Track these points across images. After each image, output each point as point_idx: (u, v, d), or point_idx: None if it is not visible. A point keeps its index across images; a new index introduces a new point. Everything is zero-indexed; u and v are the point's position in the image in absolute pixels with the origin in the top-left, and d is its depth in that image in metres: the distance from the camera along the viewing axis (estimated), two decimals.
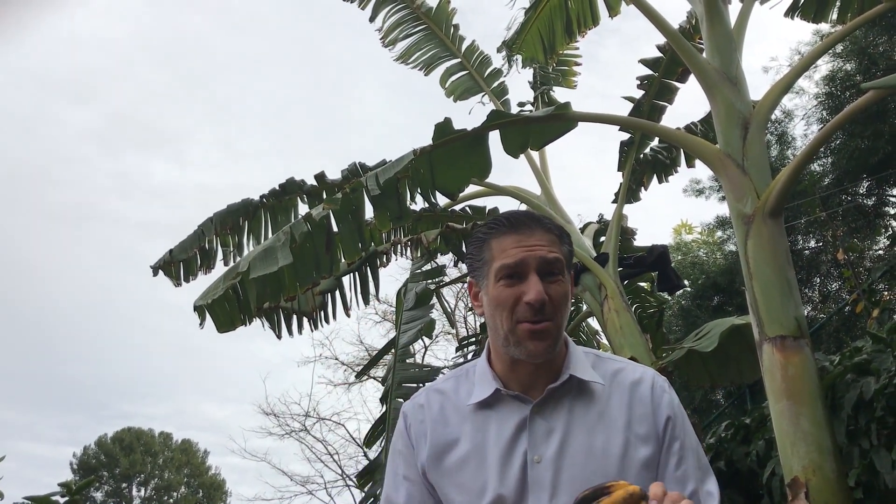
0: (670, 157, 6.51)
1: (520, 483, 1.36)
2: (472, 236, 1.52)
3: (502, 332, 1.40)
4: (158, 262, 5.38)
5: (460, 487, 1.40)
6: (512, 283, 1.40)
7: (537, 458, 1.37)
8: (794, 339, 3.50)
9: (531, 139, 4.19)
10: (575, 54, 7.24)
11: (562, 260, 1.42)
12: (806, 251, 10.37)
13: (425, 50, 7.03)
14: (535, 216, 1.47)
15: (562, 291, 1.41)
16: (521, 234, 1.42)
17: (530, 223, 1.44)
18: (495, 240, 1.44)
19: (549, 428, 1.39)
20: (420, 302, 6.17)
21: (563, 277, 1.42)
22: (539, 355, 1.38)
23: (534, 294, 1.36)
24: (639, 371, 1.49)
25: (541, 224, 1.45)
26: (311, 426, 18.43)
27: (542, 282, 1.38)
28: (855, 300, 6.89)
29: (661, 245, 5.86)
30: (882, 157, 8.43)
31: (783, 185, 3.69)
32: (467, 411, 1.44)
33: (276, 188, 5.44)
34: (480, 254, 1.46)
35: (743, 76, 4.23)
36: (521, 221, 1.44)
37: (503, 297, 1.40)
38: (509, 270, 1.40)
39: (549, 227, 1.46)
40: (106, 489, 37.99)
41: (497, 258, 1.42)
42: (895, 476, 3.62)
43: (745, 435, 5.17)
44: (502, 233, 1.44)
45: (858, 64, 9.07)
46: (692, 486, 1.37)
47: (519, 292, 1.38)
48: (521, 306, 1.38)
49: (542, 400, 1.41)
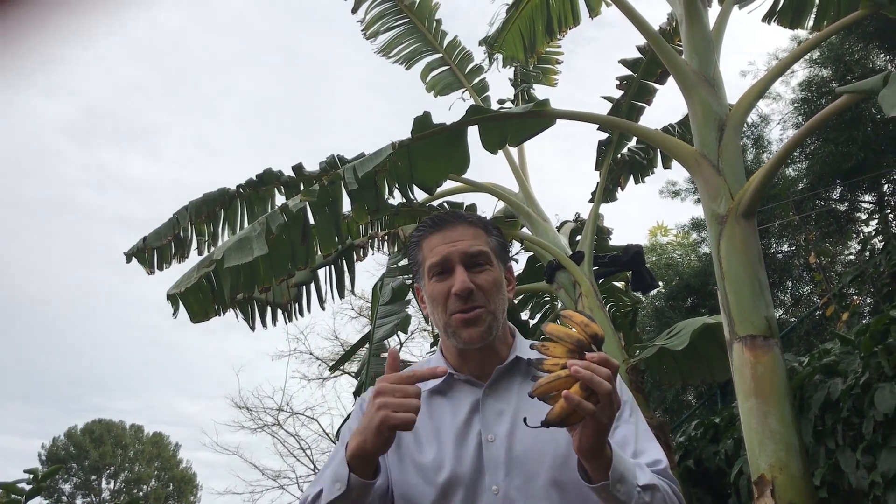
0: (647, 158, 6.55)
1: (475, 462, 1.41)
2: (409, 242, 1.61)
3: (441, 325, 1.49)
4: (132, 250, 5.32)
5: (418, 467, 1.44)
6: (442, 278, 1.48)
7: (491, 437, 1.42)
8: (765, 339, 3.54)
9: (509, 135, 4.20)
10: (556, 52, 7.26)
11: (486, 251, 1.50)
12: (779, 255, 10.48)
13: (407, 44, 7.01)
14: (459, 214, 1.56)
15: (490, 279, 1.48)
16: (446, 231, 1.51)
17: (453, 220, 1.54)
18: (425, 240, 1.54)
19: (500, 408, 1.45)
20: (396, 297, 6.16)
21: (490, 266, 1.50)
22: (475, 341, 1.45)
23: (458, 284, 1.44)
24: None
25: (463, 219, 1.54)
26: (283, 420, 18.37)
27: (468, 273, 1.46)
28: (826, 304, 6.99)
29: (636, 245, 5.90)
30: (855, 163, 8.54)
31: (757, 187, 3.73)
32: (424, 396, 1.45)
33: (253, 178, 5.40)
34: (416, 256, 1.56)
35: (720, 78, 4.27)
36: (444, 220, 1.54)
37: (436, 292, 1.48)
38: (437, 267, 1.49)
39: (472, 221, 1.55)
40: (75, 481, 37.60)
41: (427, 258, 1.51)
42: (859, 476, 3.69)
43: (715, 434, 5.24)
44: (430, 233, 1.53)
45: (834, 70, 9.18)
46: (631, 447, 1.43)
47: (448, 286, 1.47)
48: (451, 298, 1.46)
49: (493, 382, 1.48)
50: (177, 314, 4.54)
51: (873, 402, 3.58)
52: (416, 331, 16.28)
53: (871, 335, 3.84)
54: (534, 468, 1.39)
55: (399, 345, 16.28)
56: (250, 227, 4.19)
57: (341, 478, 1.30)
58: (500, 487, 1.39)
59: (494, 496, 1.38)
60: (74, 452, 37.39)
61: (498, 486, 1.39)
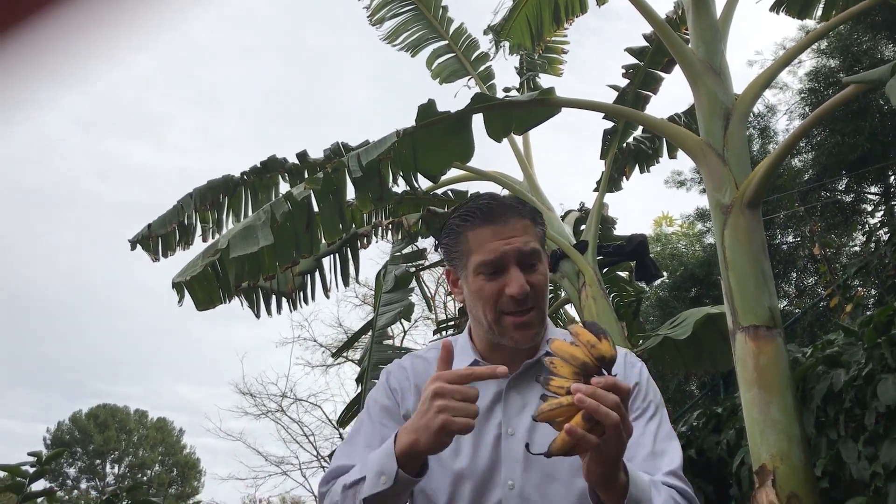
0: (653, 147, 6.54)
1: (493, 454, 1.38)
2: (446, 225, 1.51)
3: (485, 323, 1.42)
4: (137, 237, 5.34)
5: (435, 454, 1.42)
6: (493, 277, 1.40)
7: (511, 430, 1.39)
8: (768, 329, 3.54)
9: (514, 123, 4.19)
10: (562, 41, 7.24)
11: (539, 249, 1.44)
12: (784, 245, 10.46)
13: (413, 31, 6.98)
14: (508, 203, 1.46)
15: (542, 279, 1.43)
16: (497, 226, 1.41)
17: (505, 213, 1.43)
18: (471, 232, 1.44)
19: (524, 402, 1.41)
20: (399, 285, 6.17)
21: (541, 264, 1.43)
22: (526, 343, 1.41)
23: (517, 288, 1.37)
24: None
25: (515, 212, 1.44)
26: (287, 407, 18.44)
27: (522, 272, 1.39)
28: (830, 295, 6.98)
29: (640, 234, 5.90)
30: (861, 154, 8.50)
31: (762, 177, 3.72)
32: None
33: (257, 165, 5.41)
34: (457, 245, 1.46)
35: (727, 67, 4.25)
36: (496, 212, 1.43)
37: (486, 291, 1.40)
38: (490, 267, 1.40)
39: (522, 212, 1.45)
40: (79, 465, 37.81)
41: (475, 251, 1.42)
42: (860, 467, 3.69)
43: (717, 424, 5.24)
44: (478, 224, 1.43)
45: (842, 61, 9.13)
46: (647, 448, 1.39)
47: (501, 285, 1.39)
48: (505, 299, 1.39)
49: (518, 374, 1.43)
50: (182, 302, 4.55)
51: (876, 394, 3.58)
52: (420, 318, 16.31)
53: (875, 326, 3.84)
54: (552, 467, 1.36)
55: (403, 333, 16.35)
56: (255, 215, 4.19)
57: (389, 472, 1.25)
58: (516, 483, 1.36)
59: (509, 491, 1.36)
60: (79, 437, 37.57)
61: (514, 482, 1.36)
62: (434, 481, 1.39)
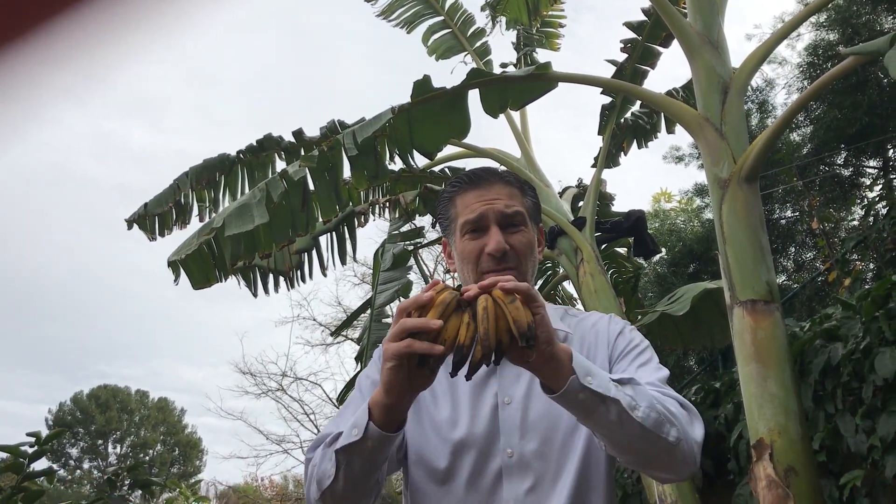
0: (650, 122, 6.50)
1: (491, 422, 1.39)
2: (440, 195, 1.58)
3: (470, 283, 1.40)
4: (133, 216, 5.33)
5: (433, 424, 1.43)
6: (475, 236, 1.46)
7: (507, 399, 1.41)
8: (765, 304, 3.53)
9: (511, 99, 4.16)
10: (559, 15, 7.18)
11: (522, 212, 1.49)
12: (782, 220, 10.45)
13: (408, 6, 6.92)
14: (496, 171, 1.54)
15: (524, 240, 1.47)
16: (482, 189, 1.49)
17: (490, 178, 1.51)
18: (459, 197, 1.51)
19: (518, 371, 1.41)
20: (397, 263, 6.16)
21: (525, 228, 1.48)
22: None
23: (494, 244, 1.43)
24: (597, 315, 1.56)
25: (501, 178, 1.52)
26: (287, 386, 18.52)
27: (503, 232, 1.45)
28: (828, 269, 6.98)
29: (638, 210, 5.88)
30: (859, 127, 8.46)
31: (760, 151, 3.70)
32: None
33: (253, 144, 5.38)
34: (447, 212, 1.54)
35: (724, 40, 4.21)
36: (481, 177, 1.51)
37: (467, 250, 1.47)
38: (471, 225, 1.47)
39: (510, 180, 1.52)
40: (82, 445, 38.02)
41: (461, 214, 1.49)
42: (858, 440, 3.71)
43: (715, 399, 5.26)
44: (465, 189, 1.51)
45: (841, 34, 9.06)
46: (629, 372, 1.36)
47: (481, 244, 1.45)
48: (484, 257, 1.44)
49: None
50: (178, 280, 4.55)
51: (873, 367, 3.59)
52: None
53: (873, 300, 3.84)
54: (549, 433, 1.38)
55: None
56: (250, 193, 4.17)
57: (360, 424, 1.25)
58: (515, 451, 1.37)
59: (509, 459, 1.37)
60: (81, 417, 37.75)
61: (513, 450, 1.37)
62: (431, 451, 1.41)
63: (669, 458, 1.25)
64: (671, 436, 1.23)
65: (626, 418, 1.18)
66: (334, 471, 1.27)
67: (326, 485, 1.29)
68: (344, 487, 1.28)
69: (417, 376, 1.18)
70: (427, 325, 1.13)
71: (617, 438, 1.22)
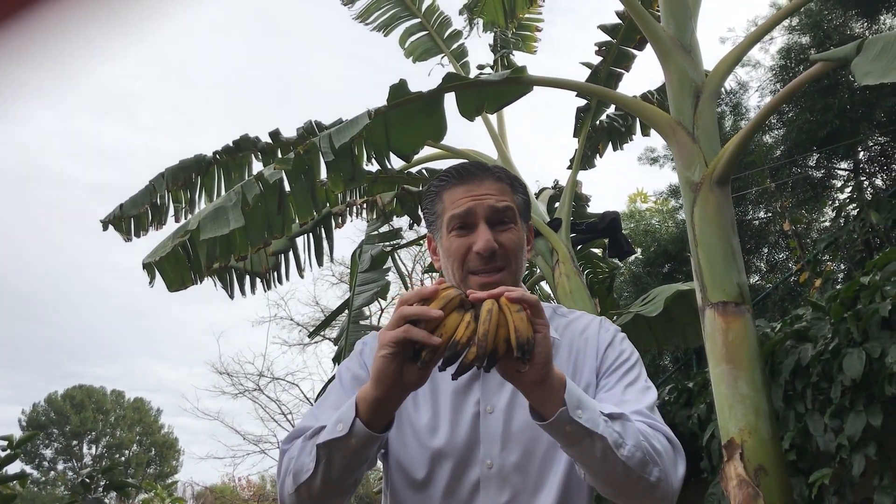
0: (626, 125, 6.56)
1: (472, 431, 1.35)
2: (426, 190, 1.50)
3: (455, 282, 1.38)
4: (108, 217, 5.30)
5: (413, 429, 1.38)
6: (463, 233, 1.39)
7: (489, 408, 1.36)
8: (736, 305, 3.59)
9: (486, 102, 4.19)
10: (536, 18, 7.22)
11: (513, 208, 1.41)
12: (755, 221, 10.57)
13: (385, 9, 6.94)
14: (486, 166, 1.45)
15: (514, 239, 1.40)
16: (471, 184, 1.41)
17: (480, 173, 1.43)
18: (447, 192, 1.43)
19: (502, 380, 1.33)
20: (375, 264, 6.18)
21: (515, 226, 1.41)
22: None
23: (482, 243, 1.35)
24: (587, 318, 1.50)
25: (491, 173, 1.43)
26: (264, 386, 18.46)
27: (492, 230, 1.37)
28: (800, 270, 7.07)
29: (613, 212, 5.94)
30: (831, 130, 8.57)
31: (731, 154, 3.76)
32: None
33: (229, 144, 5.37)
34: (434, 207, 1.46)
35: (697, 45, 4.27)
36: (470, 172, 1.43)
37: (454, 247, 1.38)
38: (459, 221, 1.39)
39: (500, 175, 1.44)
40: (56, 446, 37.60)
41: (448, 209, 1.41)
42: (827, 439, 3.77)
43: (688, 399, 5.32)
44: (453, 184, 1.43)
45: (813, 38, 9.18)
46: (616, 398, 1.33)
47: (469, 242, 1.37)
48: (472, 256, 1.37)
49: None
50: (153, 283, 4.53)
51: (842, 367, 3.65)
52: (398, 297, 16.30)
53: (842, 301, 3.91)
54: (531, 446, 1.33)
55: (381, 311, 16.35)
56: (226, 196, 4.17)
57: (346, 420, 1.20)
58: (495, 462, 1.33)
59: (488, 470, 1.33)
60: (55, 418, 37.34)
61: (492, 461, 1.33)
62: (410, 458, 1.37)
63: (647, 497, 1.22)
64: (653, 476, 1.20)
65: (611, 455, 1.16)
66: (313, 465, 1.23)
67: (303, 479, 1.25)
68: (322, 483, 1.24)
69: (409, 371, 1.14)
70: (427, 312, 1.10)
71: (597, 471, 1.20)
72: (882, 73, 3.07)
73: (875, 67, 3.12)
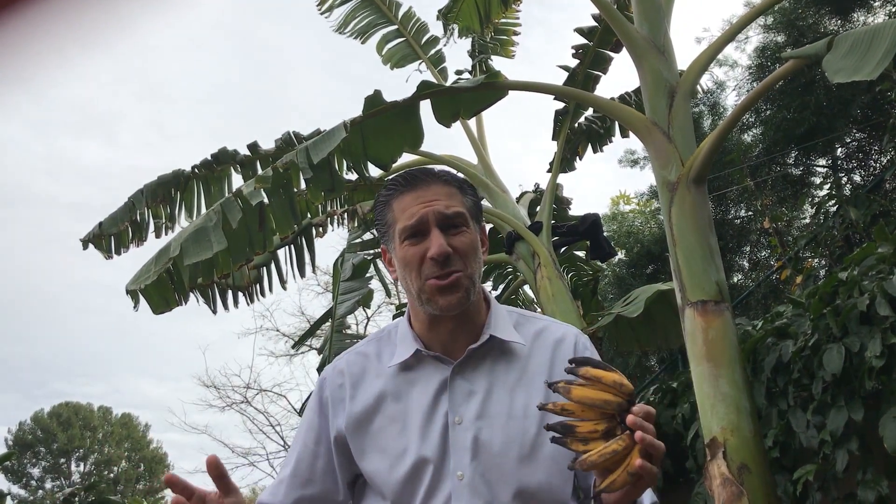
0: (604, 127, 6.59)
1: (441, 444, 1.35)
2: (376, 200, 1.49)
3: (414, 291, 1.39)
4: (88, 236, 5.27)
5: (382, 452, 1.38)
6: (415, 241, 1.38)
7: (458, 419, 1.35)
8: (715, 304, 3.61)
9: (462, 108, 4.21)
10: (513, 23, 7.23)
11: (463, 212, 1.41)
12: (736, 220, 10.64)
13: (361, 17, 6.92)
14: (433, 171, 1.45)
15: (467, 241, 1.40)
16: (419, 190, 1.41)
17: (427, 178, 1.43)
18: (395, 200, 1.43)
19: (470, 389, 1.37)
20: (357, 273, 6.16)
21: (467, 228, 1.41)
22: (453, 308, 1.37)
23: (436, 249, 1.35)
24: (561, 329, 1.49)
25: (438, 178, 1.43)
26: (252, 398, 18.35)
27: (444, 235, 1.37)
28: (780, 267, 7.12)
29: (593, 214, 5.95)
30: (808, 127, 8.65)
31: (707, 153, 3.78)
32: (389, 373, 1.41)
33: (208, 158, 5.36)
34: (384, 216, 1.45)
35: (671, 45, 4.29)
36: (417, 177, 1.43)
37: (409, 256, 1.38)
38: (411, 230, 1.39)
39: (447, 179, 1.44)
40: (43, 465, 37.22)
41: (399, 219, 1.41)
42: (809, 435, 3.79)
43: (672, 398, 5.33)
44: (401, 192, 1.42)
45: (788, 36, 9.26)
46: None
47: (423, 249, 1.37)
48: (427, 263, 1.36)
49: (463, 360, 1.39)
50: (138, 307, 4.52)
51: (822, 363, 3.67)
52: (382, 304, 16.29)
53: (820, 297, 3.93)
54: (499, 458, 1.33)
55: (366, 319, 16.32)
56: (206, 216, 4.16)
57: None
58: (466, 473, 1.32)
59: (459, 482, 1.32)
60: (42, 436, 36.96)
61: (463, 472, 1.32)
62: (383, 475, 1.37)
63: None
64: None
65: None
66: None
67: None
68: None
69: None
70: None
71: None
72: (853, 70, 3.09)
73: (845, 64, 3.15)
